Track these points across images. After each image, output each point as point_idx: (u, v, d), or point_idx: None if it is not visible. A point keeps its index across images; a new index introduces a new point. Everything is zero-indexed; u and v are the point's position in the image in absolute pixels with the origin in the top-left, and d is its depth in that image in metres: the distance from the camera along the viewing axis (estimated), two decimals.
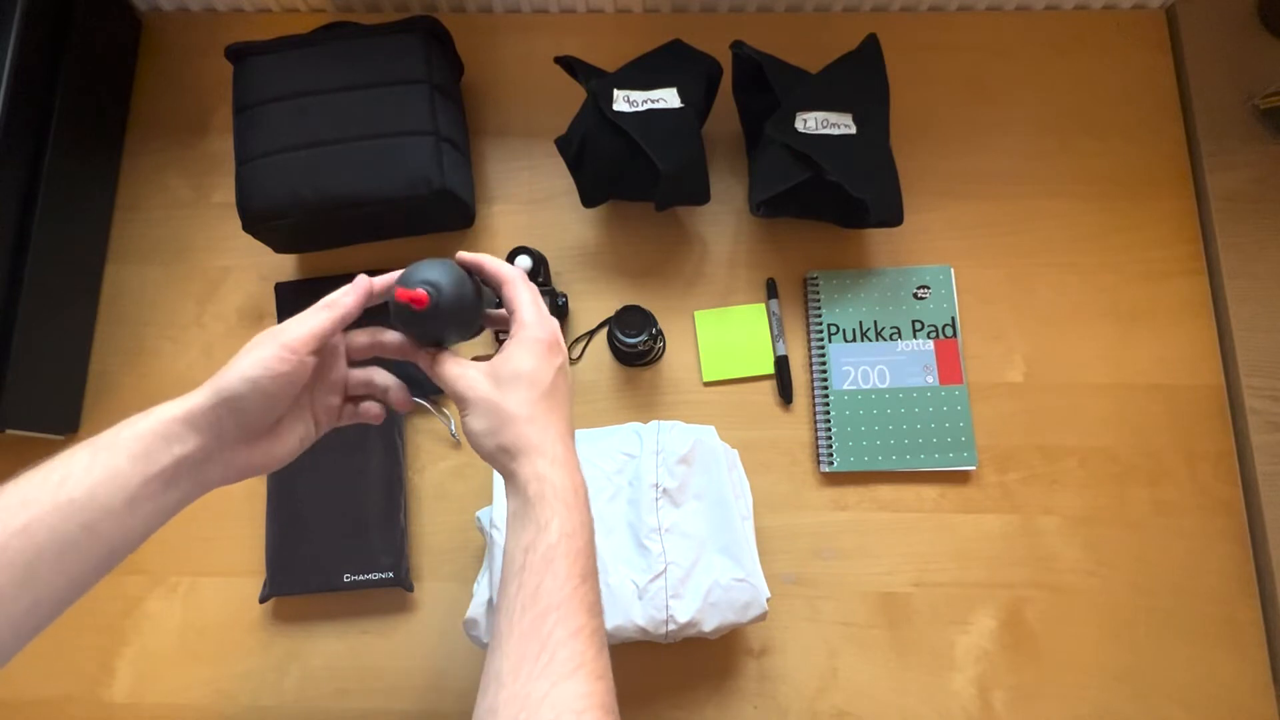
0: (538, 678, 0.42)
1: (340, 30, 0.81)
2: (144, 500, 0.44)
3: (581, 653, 0.43)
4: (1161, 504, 0.79)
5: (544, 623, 0.43)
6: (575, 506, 0.48)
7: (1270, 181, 0.85)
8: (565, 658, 0.43)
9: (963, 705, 0.74)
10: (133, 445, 0.44)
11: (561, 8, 0.93)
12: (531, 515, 0.47)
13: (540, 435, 0.49)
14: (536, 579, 0.45)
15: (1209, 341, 0.82)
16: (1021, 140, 0.88)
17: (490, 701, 0.42)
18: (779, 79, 0.79)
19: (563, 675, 0.42)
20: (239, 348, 0.56)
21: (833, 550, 0.78)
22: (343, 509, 0.78)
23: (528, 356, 0.50)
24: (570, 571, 0.45)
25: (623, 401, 0.82)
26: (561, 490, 0.48)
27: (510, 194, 0.88)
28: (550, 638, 0.43)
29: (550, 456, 0.49)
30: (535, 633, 0.43)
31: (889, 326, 0.82)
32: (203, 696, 0.76)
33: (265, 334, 0.48)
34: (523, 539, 0.46)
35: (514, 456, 0.49)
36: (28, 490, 0.42)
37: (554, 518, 0.46)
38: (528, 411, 0.49)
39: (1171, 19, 0.92)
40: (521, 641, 0.43)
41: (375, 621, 0.77)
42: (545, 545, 0.46)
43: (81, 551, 0.43)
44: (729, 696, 0.75)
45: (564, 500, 0.47)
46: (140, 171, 0.90)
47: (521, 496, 0.48)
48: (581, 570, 0.46)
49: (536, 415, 0.50)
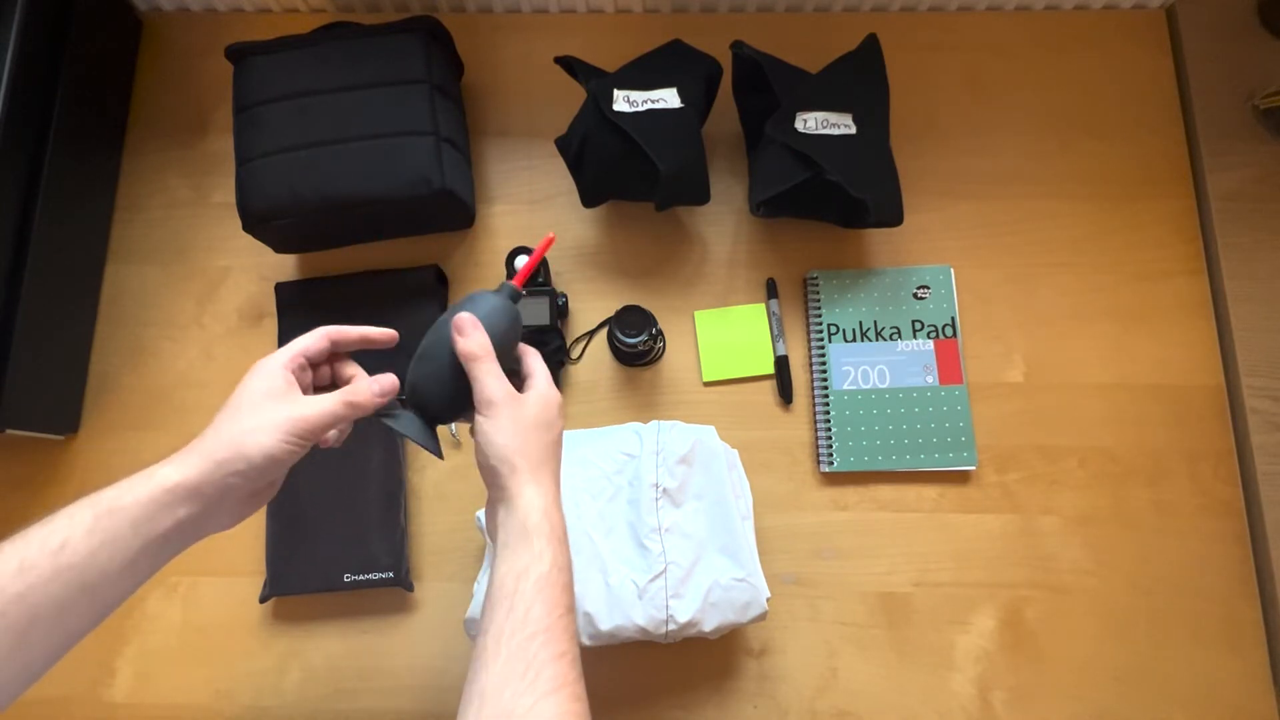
0: (522, 695, 0.44)
1: (340, 30, 0.81)
2: (142, 561, 0.45)
3: (564, 674, 0.45)
4: (1161, 504, 0.79)
5: (531, 645, 0.45)
6: (564, 546, 0.51)
7: (1270, 181, 0.85)
8: (549, 677, 0.44)
9: (962, 705, 0.74)
10: (135, 511, 0.45)
11: (561, 8, 0.93)
12: (528, 544, 0.49)
13: (547, 476, 0.52)
14: (527, 605, 0.47)
15: (1209, 341, 0.82)
16: (1021, 140, 0.88)
17: (473, 715, 0.44)
18: (779, 79, 0.79)
19: (546, 693, 0.44)
20: (239, 348, 0.56)
21: (833, 550, 0.78)
22: (343, 509, 0.78)
23: (546, 406, 0.54)
24: (558, 601, 0.48)
25: (623, 401, 0.82)
26: (557, 527, 0.51)
27: (510, 194, 0.88)
28: (536, 659, 0.45)
29: (550, 497, 0.52)
30: (522, 654, 0.45)
31: (889, 326, 0.82)
32: (203, 696, 0.76)
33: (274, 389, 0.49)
34: (516, 565, 0.48)
35: (522, 480, 0.51)
36: (26, 553, 0.42)
37: (548, 550, 0.49)
38: (539, 450, 0.52)
39: (1171, 19, 0.92)
40: (509, 662, 0.45)
41: (375, 621, 0.77)
42: (539, 574, 0.48)
43: (78, 613, 0.43)
44: (729, 696, 0.75)
45: (559, 537, 0.50)
46: (140, 171, 0.90)
47: (519, 523, 0.50)
48: (567, 603, 0.49)
49: (547, 455, 0.53)
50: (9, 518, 0.81)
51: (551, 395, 0.55)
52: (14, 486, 0.82)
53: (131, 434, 0.83)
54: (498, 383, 0.52)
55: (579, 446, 0.75)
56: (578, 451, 0.74)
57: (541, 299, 0.80)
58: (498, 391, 0.52)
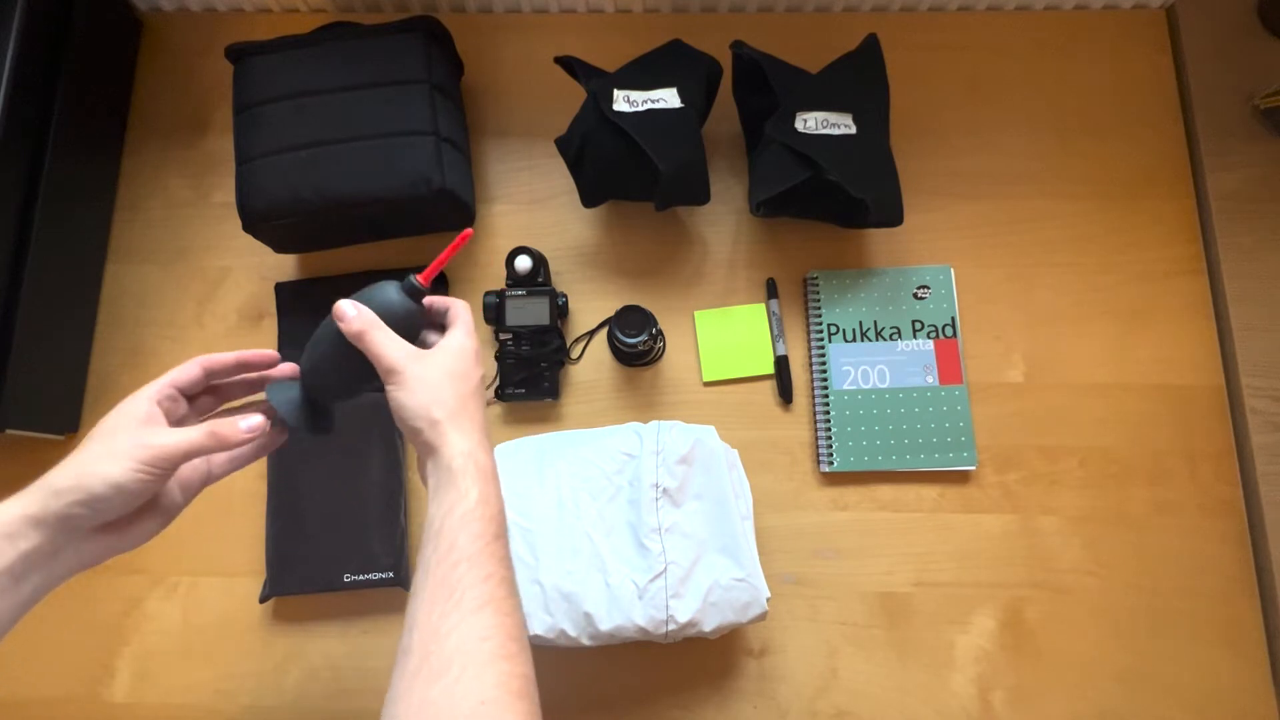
0: (449, 614, 0.45)
1: (340, 30, 0.81)
2: None
3: (490, 593, 0.46)
4: (1161, 504, 0.79)
5: (455, 571, 0.46)
6: (492, 482, 0.51)
7: (1270, 181, 0.85)
8: (473, 597, 0.46)
9: (962, 705, 0.74)
10: None
11: (561, 8, 0.93)
12: (453, 484, 0.49)
13: (467, 422, 0.52)
14: (451, 537, 0.48)
15: (1209, 341, 0.82)
16: (1021, 140, 0.88)
17: (405, 642, 0.45)
18: (779, 79, 0.79)
19: (470, 611, 0.45)
20: (239, 347, 0.56)
21: (833, 550, 0.78)
22: (343, 509, 0.78)
23: (459, 357, 0.54)
24: (483, 531, 0.48)
25: (623, 401, 0.82)
26: (482, 467, 0.51)
27: (510, 194, 0.88)
28: (460, 583, 0.46)
29: (474, 440, 0.52)
30: (447, 580, 0.46)
31: (889, 326, 0.82)
32: (203, 696, 0.76)
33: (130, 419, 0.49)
34: (443, 505, 0.49)
35: (442, 430, 0.51)
36: None
37: (473, 488, 0.49)
38: (456, 400, 0.52)
39: (1171, 19, 0.92)
40: (435, 588, 0.46)
41: (375, 621, 0.77)
42: (463, 510, 0.48)
43: None
44: (729, 696, 0.75)
45: (484, 475, 0.51)
46: (140, 171, 0.90)
47: (444, 470, 0.50)
48: (495, 531, 0.49)
49: (465, 403, 0.53)
50: None
51: (465, 345, 0.55)
52: (14, 486, 0.81)
53: None
54: (395, 345, 0.52)
55: (579, 446, 0.75)
56: (578, 451, 0.74)
57: (541, 299, 0.80)
58: (397, 354, 0.52)
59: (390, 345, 0.52)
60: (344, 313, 0.52)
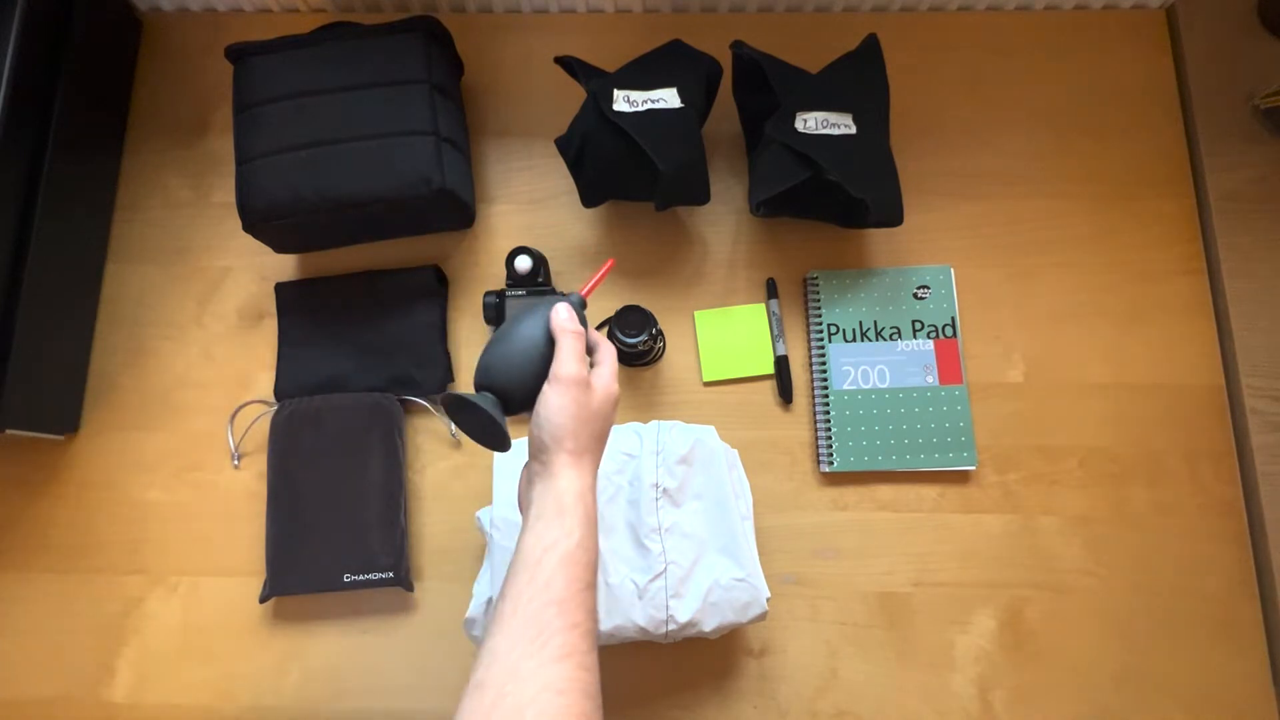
0: (530, 657, 0.45)
1: (340, 30, 0.81)
2: None
3: (574, 645, 0.46)
4: (1161, 504, 0.79)
5: (545, 611, 0.47)
6: (594, 530, 0.52)
7: (1270, 181, 0.85)
8: (558, 645, 0.45)
9: (962, 705, 0.74)
10: None
11: (561, 8, 0.93)
12: (561, 520, 0.50)
13: (591, 463, 0.54)
14: (548, 575, 0.48)
15: (1209, 341, 0.82)
16: (1021, 140, 0.88)
17: (480, 676, 0.45)
18: (779, 79, 0.79)
19: (551, 659, 0.45)
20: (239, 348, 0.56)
21: (833, 550, 0.78)
22: (343, 509, 0.78)
23: (607, 399, 0.56)
24: (579, 576, 0.49)
25: (623, 401, 0.82)
26: (590, 511, 0.52)
27: (510, 194, 0.88)
28: (548, 626, 0.46)
29: (588, 483, 0.53)
30: (536, 620, 0.46)
31: (889, 326, 0.82)
32: (203, 696, 0.76)
33: None
34: (545, 538, 0.50)
35: (566, 460, 0.53)
36: None
37: (578, 530, 0.50)
38: (591, 438, 0.54)
39: (1171, 19, 0.92)
40: (523, 626, 0.46)
41: (375, 621, 0.77)
42: (565, 550, 0.49)
43: None
44: (729, 696, 0.75)
45: (589, 521, 0.52)
46: (140, 171, 0.90)
47: (554, 500, 0.51)
48: (588, 579, 0.50)
49: (594, 443, 0.55)
50: (9, 518, 0.81)
51: (613, 390, 0.57)
52: (14, 486, 0.82)
53: (131, 434, 0.83)
54: (579, 363, 0.54)
55: None
56: None
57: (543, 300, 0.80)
58: (576, 371, 0.54)
59: (579, 357, 0.55)
60: (564, 309, 0.56)
